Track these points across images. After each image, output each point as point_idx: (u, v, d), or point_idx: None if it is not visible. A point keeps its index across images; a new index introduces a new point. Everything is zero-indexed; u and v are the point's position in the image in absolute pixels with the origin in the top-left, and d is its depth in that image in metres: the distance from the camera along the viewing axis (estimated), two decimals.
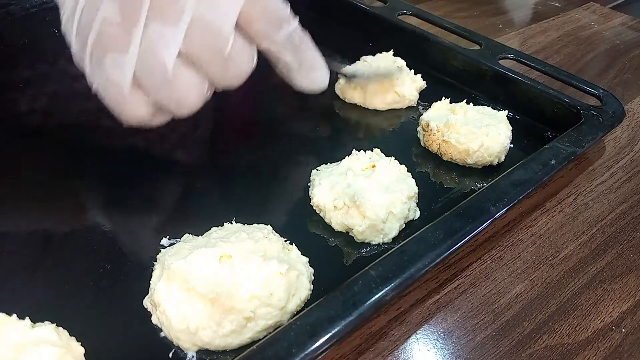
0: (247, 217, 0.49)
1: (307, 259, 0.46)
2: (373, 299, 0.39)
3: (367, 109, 0.69)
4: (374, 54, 0.74)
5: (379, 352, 0.43)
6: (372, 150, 0.57)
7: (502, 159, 0.60)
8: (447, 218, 0.46)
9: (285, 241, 0.47)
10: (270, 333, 0.39)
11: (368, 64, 0.71)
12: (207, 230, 0.47)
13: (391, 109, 0.69)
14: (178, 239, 0.47)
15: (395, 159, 0.56)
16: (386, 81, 0.68)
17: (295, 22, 0.44)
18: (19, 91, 0.70)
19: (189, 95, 0.42)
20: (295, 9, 0.62)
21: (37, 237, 0.49)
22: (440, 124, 0.60)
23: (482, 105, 0.64)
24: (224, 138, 0.63)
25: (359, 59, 0.74)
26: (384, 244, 0.50)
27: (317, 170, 0.55)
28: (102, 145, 0.58)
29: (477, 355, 0.43)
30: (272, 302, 0.40)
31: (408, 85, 0.69)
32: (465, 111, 0.62)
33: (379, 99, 0.68)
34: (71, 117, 0.66)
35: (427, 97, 0.70)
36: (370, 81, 0.67)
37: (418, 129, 0.64)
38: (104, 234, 0.50)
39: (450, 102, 0.64)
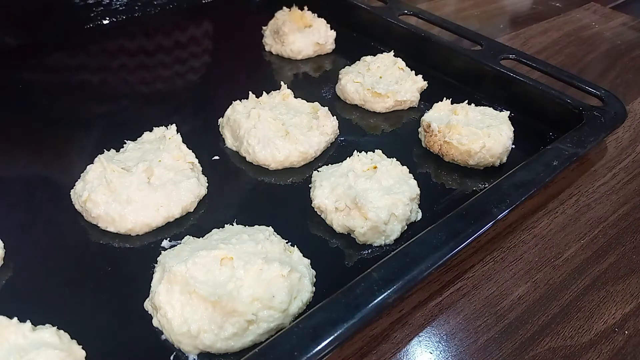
0: (248, 219, 0.49)
1: (309, 260, 0.46)
2: (375, 301, 0.39)
3: (368, 110, 0.69)
4: (374, 54, 0.74)
5: (381, 355, 0.42)
6: (373, 152, 0.56)
7: (504, 159, 0.60)
8: (449, 220, 0.46)
9: (287, 243, 0.46)
10: (272, 336, 0.39)
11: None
12: (208, 232, 0.47)
13: (392, 110, 0.69)
14: (179, 241, 0.47)
15: (396, 160, 0.55)
16: None
17: None
18: (19, 93, 0.70)
19: None
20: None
21: (37, 240, 0.49)
22: (442, 124, 0.60)
23: (483, 105, 0.64)
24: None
25: (359, 59, 0.74)
26: (385, 245, 0.50)
27: (318, 171, 0.55)
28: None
29: (479, 357, 0.43)
30: (274, 304, 0.40)
31: (409, 86, 0.69)
32: (467, 112, 0.62)
33: (379, 104, 0.68)
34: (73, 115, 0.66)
35: (428, 98, 0.70)
36: None
37: (419, 129, 0.64)
38: (105, 236, 0.50)
39: (452, 103, 0.64)
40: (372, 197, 0.50)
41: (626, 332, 0.45)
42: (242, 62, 0.83)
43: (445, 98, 0.64)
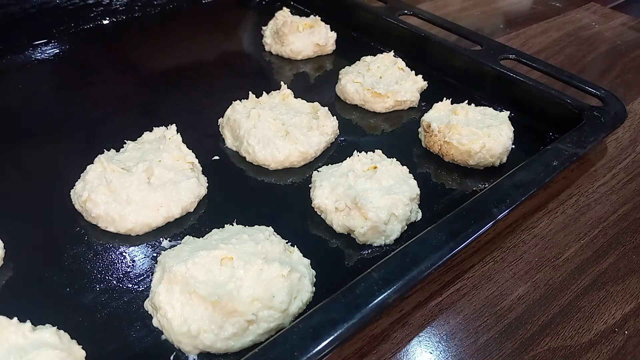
0: (248, 219, 0.49)
1: (309, 260, 0.46)
2: (375, 301, 0.38)
3: (368, 110, 0.69)
4: (374, 54, 0.74)
5: (381, 355, 0.42)
6: (373, 152, 0.56)
7: (504, 160, 0.60)
8: (449, 220, 0.46)
9: (287, 243, 0.46)
10: (272, 336, 0.39)
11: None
12: (208, 232, 0.47)
13: (392, 110, 0.69)
14: (179, 241, 0.47)
15: (396, 160, 0.55)
16: None
17: None
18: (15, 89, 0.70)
19: None
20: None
21: (37, 240, 0.49)
22: (442, 124, 0.60)
23: (483, 105, 0.64)
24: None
25: (359, 59, 0.74)
26: (385, 245, 0.50)
27: (318, 171, 0.55)
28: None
29: (479, 358, 0.43)
30: (274, 304, 0.40)
31: (409, 86, 0.69)
32: (467, 112, 0.62)
33: (379, 104, 0.68)
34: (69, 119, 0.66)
35: (428, 98, 0.70)
36: None
37: (419, 129, 0.64)
38: (105, 236, 0.50)
39: (452, 103, 0.64)
40: (372, 197, 0.50)
41: (626, 332, 0.45)
42: (242, 62, 0.83)
43: (445, 98, 0.64)
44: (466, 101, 0.64)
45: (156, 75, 0.77)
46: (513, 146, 0.60)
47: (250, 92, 0.63)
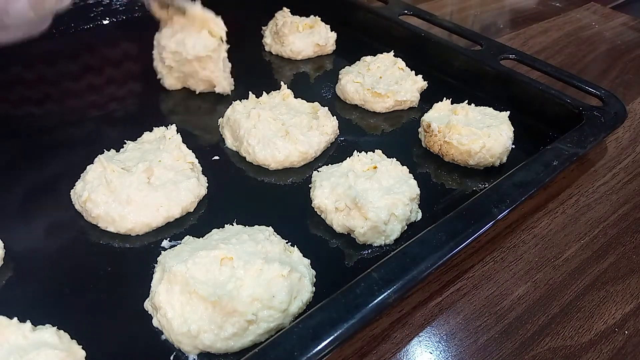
0: (248, 219, 0.49)
1: (309, 260, 0.46)
2: (375, 301, 0.39)
3: (368, 110, 0.69)
4: (374, 54, 0.74)
5: (381, 355, 0.42)
6: (373, 152, 0.56)
7: (504, 159, 0.60)
8: (449, 220, 0.46)
9: (287, 243, 0.46)
10: (272, 336, 0.39)
11: None
12: (208, 232, 0.47)
13: (392, 110, 0.69)
14: (179, 241, 0.47)
15: (396, 160, 0.55)
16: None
17: None
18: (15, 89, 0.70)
19: None
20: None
21: (37, 240, 0.49)
22: (442, 124, 0.60)
23: (483, 105, 0.64)
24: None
25: (359, 59, 0.74)
26: (385, 245, 0.50)
27: (318, 171, 0.55)
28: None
29: (479, 357, 0.43)
30: (274, 304, 0.40)
31: (409, 86, 0.69)
32: (467, 112, 0.62)
33: (379, 104, 0.68)
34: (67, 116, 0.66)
35: (428, 98, 0.70)
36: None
37: (419, 129, 0.64)
38: (105, 236, 0.50)
39: (452, 103, 0.64)
40: (372, 197, 0.50)
41: (626, 332, 0.45)
42: (242, 62, 0.83)
43: (445, 98, 0.64)
44: (466, 101, 0.64)
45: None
46: (513, 146, 0.60)
47: (250, 92, 0.63)
